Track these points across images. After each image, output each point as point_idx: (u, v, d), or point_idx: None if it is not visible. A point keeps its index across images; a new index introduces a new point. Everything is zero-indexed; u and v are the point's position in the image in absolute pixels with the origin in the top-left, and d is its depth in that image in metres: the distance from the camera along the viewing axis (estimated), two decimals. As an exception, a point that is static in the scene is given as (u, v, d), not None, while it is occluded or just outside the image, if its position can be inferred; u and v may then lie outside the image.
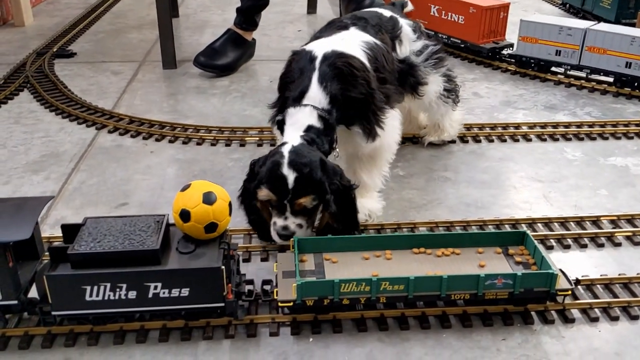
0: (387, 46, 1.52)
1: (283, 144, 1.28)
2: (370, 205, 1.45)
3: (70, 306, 1.03)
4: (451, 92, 1.73)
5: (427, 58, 1.63)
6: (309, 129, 1.30)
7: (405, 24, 1.63)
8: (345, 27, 1.51)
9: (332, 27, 1.55)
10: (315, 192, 1.22)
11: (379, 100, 1.39)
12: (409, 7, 1.85)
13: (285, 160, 1.21)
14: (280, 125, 1.36)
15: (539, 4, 3.44)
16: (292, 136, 1.30)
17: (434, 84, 1.67)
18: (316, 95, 1.33)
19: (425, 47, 1.64)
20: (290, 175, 1.20)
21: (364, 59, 1.40)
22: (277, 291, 1.10)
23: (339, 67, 1.34)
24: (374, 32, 1.50)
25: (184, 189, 1.09)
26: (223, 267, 1.03)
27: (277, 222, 1.25)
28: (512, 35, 2.52)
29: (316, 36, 1.55)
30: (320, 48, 1.38)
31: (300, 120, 1.31)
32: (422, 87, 1.63)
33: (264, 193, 1.23)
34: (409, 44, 1.62)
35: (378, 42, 1.47)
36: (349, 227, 1.30)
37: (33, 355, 1.06)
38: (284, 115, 1.36)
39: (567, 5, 3.24)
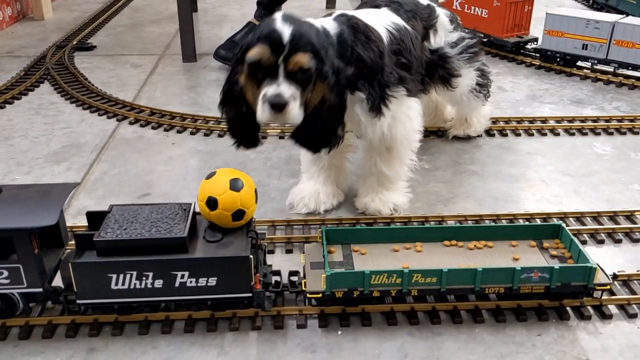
0: (418, 34, 1.47)
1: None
2: (395, 199, 1.42)
3: (95, 295, 1.01)
4: (483, 87, 1.69)
5: (462, 51, 1.58)
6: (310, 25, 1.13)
7: (442, 14, 1.58)
8: (377, 7, 1.45)
9: (363, 6, 1.49)
10: (314, 52, 1.08)
11: (387, 75, 1.26)
12: None
13: (279, 17, 1.08)
14: None
15: None
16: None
17: (467, 77, 1.62)
18: (326, 22, 1.20)
19: (461, 40, 1.59)
20: (286, 30, 1.06)
21: (384, 35, 1.31)
22: (305, 282, 1.07)
23: (354, 23, 1.23)
24: (407, 17, 1.44)
25: (209, 177, 1.07)
26: (251, 256, 1.00)
27: (269, 90, 1.08)
28: (535, 29, 2.48)
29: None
30: (337, 12, 1.29)
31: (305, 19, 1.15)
32: (455, 79, 1.59)
33: (254, 52, 1.07)
34: (445, 35, 1.57)
35: (408, 27, 1.42)
36: (334, 116, 1.15)
37: (57, 345, 1.04)
38: None
39: (591, 0, 3.18)
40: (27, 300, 1.04)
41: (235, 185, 1.04)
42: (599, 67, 2.22)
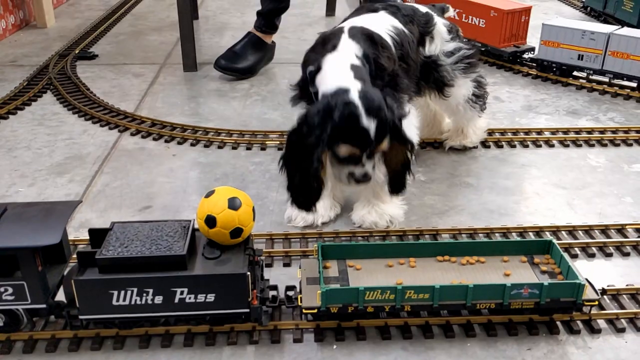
0: (415, 37, 1.51)
1: (339, 88, 1.21)
2: (391, 211, 1.45)
3: (97, 310, 1.04)
4: (480, 98, 1.72)
5: (457, 61, 1.61)
6: (352, 67, 1.24)
7: (440, 23, 1.61)
8: (375, 11, 1.49)
9: (361, 10, 1.53)
10: (390, 128, 1.22)
11: (401, 81, 1.35)
12: (450, 12, 1.81)
13: (362, 111, 1.17)
14: (313, 77, 1.29)
15: (559, 7, 3.41)
16: (339, 73, 1.23)
17: (462, 87, 1.65)
18: (349, 46, 1.29)
19: (457, 50, 1.62)
20: (372, 125, 1.18)
21: (390, 42, 1.39)
22: (301, 298, 1.10)
23: (368, 33, 1.32)
24: (404, 22, 1.49)
25: (208, 195, 1.10)
26: (248, 273, 1.03)
27: (356, 171, 1.23)
28: (532, 39, 2.51)
29: (344, 20, 1.54)
30: (346, 24, 1.38)
31: (341, 62, 1.25)
32: (448, 88, 1.62)
33: (344, 150, 1.21)
34: (441, 44, 1.60)
35: (406, 30, 1.46)
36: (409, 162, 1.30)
37: (60, 358, 1.07)
38: (317, 65, 1.28)
39: (589, 8, 3.21)
40: (31, 315, 1.07)
41: (233, 204, 1.07)
42: (595, 77, 2.25)
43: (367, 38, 1.31)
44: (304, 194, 1.29)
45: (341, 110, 1.18)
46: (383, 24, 1.42)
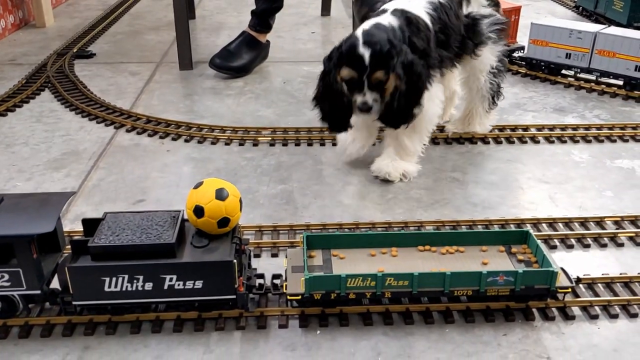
0: (453, 3, 1.66)
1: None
2: (406, 167, 1.62)
3: (90, 296, 1.09)
4: (499, 74, 1.81)
5: (491, 24, 1.74)
6: (375, 24, 1.50)
7: None
8: None
9: None
10: (386, 66, 1.45)
11: (433, 59, 1.57)
12: None
13: (360, 40, 1.45)
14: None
15: (552, 6, 3.46)
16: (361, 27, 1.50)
17: (491, 53, 1.77)
18: (387, 19, 1.52)
19: (492, 15, 1.75)
20: (366, 54, 1.44)
21: (427, 20, 1.57)
22: (286, 285, 1.14)
23: (408, 16, 1.53)
24: None
25: (196, 187, 1.14)
26: (235, 260, 1.08)
27: (358, 99, 1.49)
28: (523, 37, 2.55)
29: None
30: (389, 6, 1.59)
31: (369, 23, 1.51)
32: (481, 46, 1.74)
33: (345, 72, 1.48)
34: (477, 7, 1.73)
35: (443, 1, 1.62)
36: (407, 98, 1.49)
37: (54, 343, 1.11)
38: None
39: (580, 7, 3.25)
40: (27, 302, 1.11)
41: (220, 194, 1.12)
42: (582, 75, 2.29)
43: (406, 18, 1.54)
44: (335, 114, 1.57)
45: (346, 42, 1.49)
46: (421, 3, 1.60)
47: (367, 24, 1.51)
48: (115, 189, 1.62)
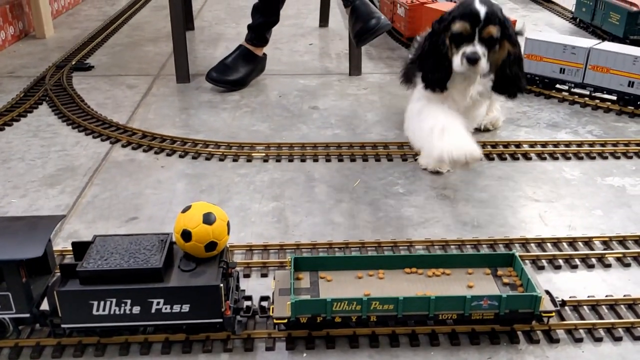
0: None
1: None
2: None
3: (78, 319, 1.10)
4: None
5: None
6: None
7: None
8: None
9: None
10: (501, 24, 1.57)
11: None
12: None
13: (476, 0, 1.57)
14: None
15: (550, 18, 3.47)
16: None
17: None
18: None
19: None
20: (482, 10, 1.56)
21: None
22: (273, 308, 1.16)
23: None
24: None
25: (184, 210, 1.16)
26: (221, 285, 1.09)
27: (467, 49, 1.57)
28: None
29: None
30: None
31: None
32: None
33: (458, 26, 1.57)
34: None
35: None
36: (521, 70, 1.64)
37: (44, 365, 1.13)
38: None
39: (578, 19, 3.26)
40: (17, 324, 1.13)
41: (208, 219, 1.13)
42: (576, 90, 2.30)
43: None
44: (436, 73, 1.64)
45: (462, 4, 1.59)
46: None
47: None
48: (108, 206, 1.64)
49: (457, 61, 1.59)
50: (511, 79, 1.62)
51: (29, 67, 2.68)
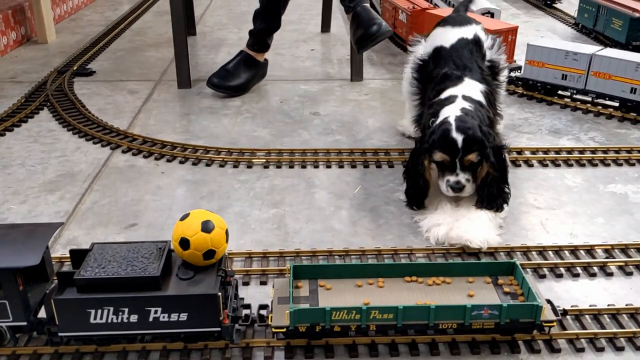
0: (486, 74, 1.81)
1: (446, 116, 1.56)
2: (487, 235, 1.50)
3: (75, 328, 1.09)
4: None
5: (497, 49, 1.91)
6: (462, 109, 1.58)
7: (480, 32, 1.88)
8: (460, 79, 1.73)
9: (447, 80, 1.74)
10: (479, 149, 1.51)
11: (494, 124, 1.73)
12: None
13: (454, 126, 1.51)
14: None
15: (553, 23, 3.46)
16: (453, 107, 1.59)
17: (504, 75, 1.94)
18: (462, 103, 1.61)
19: (494, 40, 1.90)
20: (459, 138, 1.50)
21: (483, 100, 1.69)
22: (271, 317, 1.15)
23: (472, 99, 1.64)
24: (480, 76, 1.76)
25: (183, 218, 1.15)
26: (219, 293, 1.08)
27: (450, 178, 1.54)
28: (522, 56, 2.55)
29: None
30: (453, 92, 1.68)
31: (453, 107, 1.59)
32: (501, 71, 1.92)
33: (438, 156, 1.53)
34: (485, 48, 1.88)
35: (484, 87, 1.73)
36: (500, 181, 1.55)
37: (41, 373, 1.12)
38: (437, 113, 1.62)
39: (580, 25, 3.25)
40: (14, 332, 1.12)
41: (206, 227, 1.13)
42: (578, 96, 2.29)
43: (482, 92, 1.70)
44: (414, 191, 1.61)
45: (440, 128, 1.54)
46: (477, 89, 1.70)
47: (453, 109, 1.58)
48: (108, 212, 1.63)
49: (444, 187, 1.55)
50: (494, 195, 1.55)
51: (31, 72, 2.69)
